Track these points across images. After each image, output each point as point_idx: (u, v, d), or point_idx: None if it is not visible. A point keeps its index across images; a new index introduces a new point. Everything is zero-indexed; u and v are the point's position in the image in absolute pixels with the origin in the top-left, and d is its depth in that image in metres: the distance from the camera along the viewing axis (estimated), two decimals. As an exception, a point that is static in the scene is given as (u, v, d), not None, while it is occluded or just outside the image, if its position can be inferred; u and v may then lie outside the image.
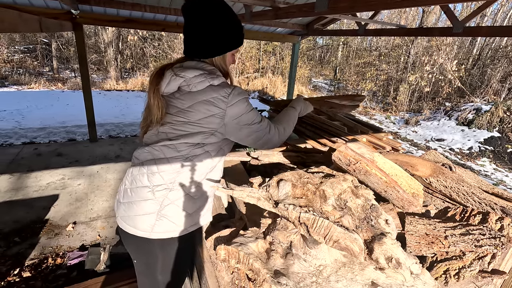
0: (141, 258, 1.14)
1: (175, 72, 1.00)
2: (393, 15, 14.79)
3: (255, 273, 0.77)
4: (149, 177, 1.04)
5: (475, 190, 1.53)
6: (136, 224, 1.04)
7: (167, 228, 1.04)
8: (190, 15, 1.01)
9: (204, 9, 0.98)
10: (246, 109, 1.03)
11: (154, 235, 1.04)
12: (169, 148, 1.02)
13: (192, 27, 1.01)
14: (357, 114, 9.48)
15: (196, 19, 0.99)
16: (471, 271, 0.91)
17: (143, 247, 1.09)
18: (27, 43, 12.20)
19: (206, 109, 0.98)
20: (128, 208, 1.06)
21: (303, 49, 14.66)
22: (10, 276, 2.09)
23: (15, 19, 1.86)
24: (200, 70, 1.00)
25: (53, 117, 6.26)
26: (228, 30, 1.03)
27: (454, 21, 3.25)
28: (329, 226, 0.71)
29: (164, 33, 11.92)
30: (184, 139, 1.02)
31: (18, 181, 3.40)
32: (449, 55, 10.28)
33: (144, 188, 1.04)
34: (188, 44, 1.06)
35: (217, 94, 0.98)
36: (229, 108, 0.99)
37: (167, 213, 1.04)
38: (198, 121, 1.00)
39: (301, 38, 6.39)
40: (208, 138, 1.02)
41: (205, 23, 0.99)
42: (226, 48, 1.05)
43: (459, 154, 6.81)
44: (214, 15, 0.99)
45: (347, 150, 1.06)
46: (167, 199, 1.03)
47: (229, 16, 1.02)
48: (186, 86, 1.00)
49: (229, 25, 1.02)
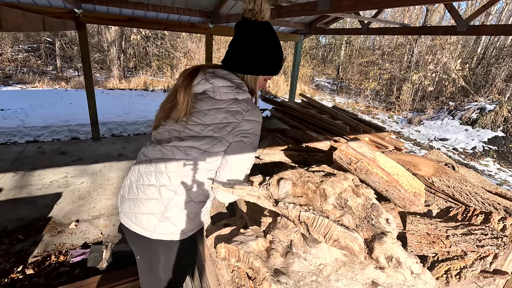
0: (144, 255, 1.15)
1: (206, 76, 1.03)
2: (397, 13, 14.70)
3: (255, 271, 0.77)
4: (157, 176, 1.04)
5: (478, 190, 1.52)
6: (139, 222, 1.05)
7: (169, 230, 1.06)
8: (242, 32, 1.04)
9: (257, 32, 1.03)
10: (256, 131, 1.05)
11: (155, 236, 1.05)
12: (178, 150, 1.03)
13: (240, 43, 1.04)
14: (359, 114, 9.44)
15: (246, 37, 1.03)
16: (472, 271, 0.90)
17: (145, 245, 1.10)
18: (31, 42, 12.28)
19: (224, 117, 1.01)
20: (133, 205, 1.07)
21: (306, 48, 14.63)
22: (14, 273, 2.11)
23: (19, 18, 1.87)
24: (229, 82, 1.04)
25: (57, 115, 6.30)
26: (271, 56, 1.07)
27: (458, 20, 3.23)
28: (329, 225, 0.71)
29: (166, 32, 11.93)
30: (193, 141, 1.02)
31: (22, 179, 3.42)
32: (453, 54, 10.20)
33: (151, 186, 1.05)
34: (230, 56, 1.08)
35: (237, 107, 1.01)
36: (243, 121, 1.02)
37: (170, 215, 1.05)
38: (211, 125, 1.01)
39: (303, 37, 6.37)
40: (214, 145, 1.02)
41: (253, 43, 1.03)
42: (262, 71, 1.09)
43: (462, 153, 6.76)
44: (264, 40, 1.04)
45: (348, 149, 1.06)
46: (172, 201, 1.04)
47: (276, 45, 1.07)
48: (212, 92, 1.03)
49: (273, 52, 1.07)
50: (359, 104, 11.26)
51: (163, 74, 11.91)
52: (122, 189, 1.18)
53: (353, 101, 11.70)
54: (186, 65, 11.66)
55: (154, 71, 12.06)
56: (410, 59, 11.20)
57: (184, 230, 1.08)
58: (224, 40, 12.19)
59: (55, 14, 3.85)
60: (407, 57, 11.74)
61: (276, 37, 1.07)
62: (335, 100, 11.75)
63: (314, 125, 3.65)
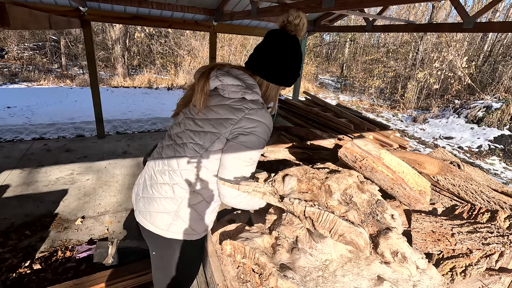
0: (159, 251, 1.17)
1: (217, 74, 1.03)
2: (402, 10, 14.56)
3: (261, 267, 0.77)
4: (170, 174, 1.06)
5: (484, 189, 1.52)
6: (154, 221, 1.07)
7: (182, 229, 1.07)
8: (280, 42, 1.04)
9: (295, 46, 1.06)
10: (258, 132, 0.98)
11: (169, 234, 1.07)
12: (188, 148, 1.04)
13: (277, 52, 1.05)
14: (364, 112, 9.40)
15: (284, 48, 1.04)
16: (478, 269, 0.90)
17: (159, 242, 1.12)
18: (37, 41, 12.37)
19: (224, 112, 1.00)
20: (147, 203, 1.09)
21: (310, 45, 14.55)
22: (22, 268, 2.14)
23: (26, 16, 1.89)
24: (239, 81, 1.02)
25: (62, 113, 6.36)
26: (289, 68, 1.08)
27: (465, 17, 3.19)
28: (334, 220, 0.71)
29: (170, 30, 11.96)
30: (198, 138, 1.02)
31: (29, 176, 3.47)
32: (459, 51, 10.09)
33: (165, 185, 1.06)
34: (260, 61, 1.07)
35: (240, 105, 0.99)
36: (244, 118, 0.97)
37: (183, 214, 1.06)
38: (212, 120, 1.02)
39: (307, 34, 6.34)
40: (213, 143, 1.00)
41: (290, 55, 1.06)
42: (290, 83, 1.11)
43: (468, 152, 6.70)
44: (298, 54, 1.08)
45: (353, 146, 1.06)
46: (185, 200, 1.05)
47: (299, 59, 1.09)
48: (221, 90, 1.03)
49: (292, 66, 1.08)
50: (364, 102, 11.20)
51: (167, 72, 11.95)
52: (136, 187, 1.19)
53: (357, 99, 11.64)
54: (190, 63, 11.69)
55: (158, 69, 12.10)
56: (416, 56, 11.10)
57: (197, 230, 1.09)
58: (228, 37, 12.18)
59: (60, 12, 3.87)
60: (412, 54, 11.63)
61: (301, 53, 1.11)
62: (339, 98, 11.69)
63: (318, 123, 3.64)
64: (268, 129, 1.01)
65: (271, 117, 1.06)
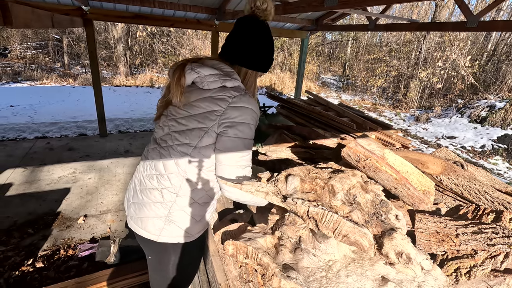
0: (154, 256, 1.16)
1: (192, 66, 1.00)
2: (405, 9, 14.48)
3: (264, 267, 0.77)
4: (158, 179, 1.04)
5: (487, 189, 1.50)
6: (146, 226, 1.06)
7: (175, 233, 1.06)
8: (251, 28, 1.04)
9: (266, 30, 1.06)
10: (246, 119, 0.96)
11: (162, 239, 1.06)
12: (173, 150, 1.02)
13: (250, 38, 1.04)
14: (366, 111, 9.36)
15: (256, 33, 1.04)
16: (483, 270, 0.89)
17: (153, 248, 1.11)
18: (39, 40, 12.41)
19: (207, 105, 0.97)
20: (138, 209, 1.08)
21: (312, 44, 14.51)
22: (24, 266, 2.15)
23: (29, 15, 1.89)
24: (217, 70, 1.00)
25: (65, 112, 6.38)
26: (266, 54, 1.08)
27: (469, 15, 3.16)
28: (338, 220, 0.70)
29: (172, 29, 11.95)
30: (182, 137, 1.00)
31: (31, 174, 3.48)
32: (463, 50, 10.02)
33: (153, 190, 1.05)
34: (234, 50, 1.06)
35: (222, 94, 0.96)
36: (229, 108, 0.95)
37: (175, 218, 1.05)
38: (196, 116, 0.98)
39: (310, 33, 6.32)
40: (202, 139, 0.98)
41: (263, 40, 1.06)
42: (266, 68, 1.10)
43: (471, 152, 6.66)
44: (270, 38, 1.08)
45: (357, 146, 1.05)
46: (175, 204, 1.03)
47: (272, 44, 1.10)
48: (200, 82, 1.00)
49: (269, 51, 1.08)
50: (366, 101, 11.16)
51: (169, 71, 11.94)
52: (127, 192, 1.18)
53: (360, 98, 11.60)
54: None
55: (160, 68, 12.10)
56: (418, 56, 11.04)
57: (191, 232, 1.08)
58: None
59: (63, 11, 3.88)
60: (415, 53, 11.57)
61: (272, 39, 1.11)
62: (341, 98, 11.66)
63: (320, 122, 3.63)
64: (255, 114, 0.99)
65: (274, 115, 1.07)
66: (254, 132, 1.01)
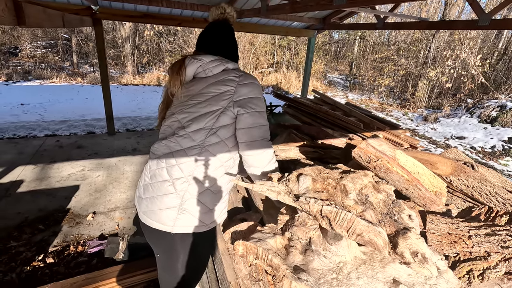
0: (164, 252, 1.16)
1: (193, 56, 1.09)
2: (414, 8, 14.28)
3: (274, 268, 0.77)
4: (168, 171, 1.05)
5: (499, 190, 1.48)
6: (160, 218, 1.07)
7: (189, 222, 1.06)
8: (229, 30, 1.22)
9: (231, 30, 1.24)
10: (257, 93, 1.07)
11: (176, 229, 1.07)
12: (184, 138, 1.04)
13: (229, 38, 1.22)
14: (373, 110, 9.27)
15: (225, 32, 1.21)
16: (496, 272, 0.88)
17: (165, 241, 1.11)
18: (49, 39, 12.60)
19: (217, 88, 1.03)
20: (150, 203, 1.09)
21: (319, 43, 14.42)
22: (35, 261, 2.19)
23: (41, 15, 1.92)
24: (214, 57, 1.10)
25: (73, 110, 6.47)
26: (237, 49, 1.26)
27: (480, 13, 3.10)
28: (352, 219, 0.70)
29: (179, 28, 12.00)
30: (196, 123, 1.03)
31: (42, 171, 3.54)
32: (473, 49, 9.84)
33: (165, 182, 1.06)
34: (210, 43, 1.18)
35: (228, 75, 1.05)
36: (239, 86, 1.04)
37: (188, 207, 1.05)
38: (207, 100, 1.03)
39: (317, 32, 6.28)
40: (218, 118, 1.02)
41: (230, 37, 1.23)
42: (235, 58, 1.24)
43: (480, 152, 6.55)
44: (233, 36, 1.25)
45: (367, 147, 1.04)
46: (187, 193, 1.05)
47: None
48: (202, 72, 1.07)
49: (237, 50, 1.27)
50: (373, 101, 11.06)
51: (175, 70, 12.00)
52: (138, 190, 1.20)
53: (367, 97, 11.50)
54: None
55: (167, 67, 12.14)
56: (427, 54, 10.88)
57: (204, 221, 1.08)
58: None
59: (72, 11, 3.93)
60: (423, 52, 11.40)
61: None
62: (348, 97, 11.57)
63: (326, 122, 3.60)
64: (260, 87, 1.12)
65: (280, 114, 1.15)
66: (263, 98, 1.12)
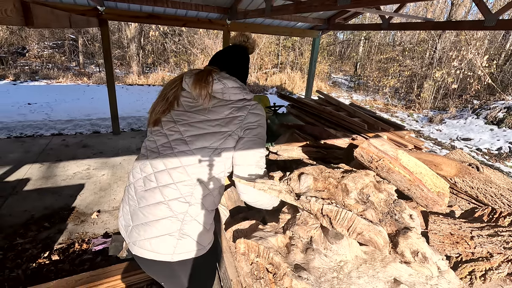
0: (167, 281, 1.07)
1: (218, 77, 1.09)
2: (419, 8, 14.18)
3: (275, 267, 0.78)
4: (161, 191, 0.96)
5: (504, 192, 1.46)
6: (157, 247, 0.95)
7: (190, 247, 0.97)
8: (241, 53, 1.28)
9: (247, 57, 1.31)
10: (262, 124, 1.11)
11: (176, 257, 0.96)
12: (186, 155, 0.97)
13: (245, 62, 1.28)
14: (378, 111, 9.22)
15: (243, 57, 1.28)
16: (499, 273, 0.87)
17: (165, 270, 1.01)
18: (56, 39, 12.76)
19: (229, 112, 1.05)
20: (142, 230, 0.96)
21: (323, 44, 14.38)
22: (41, 258, 2.23)
23: (48, 16, 1.95)
24: (237, 83, 1.12)
25: (79, 110, 6.54)
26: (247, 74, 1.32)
27: (487, 14, 3.08)
28: (353, 218, 0.70)
29: (184, 29, 12.07)
30: (201, 141, 0.99)
31: (48, 170, 3.59)
32: (479, 50, 9.73)
33: (158, 204, 0.95)
34: (236, 68, 1.24)
35: (243, 103, 1.08)
36: (249, 113, 1.07)
37: (189, 231, 0.96)
38: (217, 120, 1.03)
39: (321, 33, 6.27)
40: (225, 140, 1.01)
41: (246, 62, 1.29)
42: (245, 81, 1.29)
43: (486, 154, 6.48)
44: (248, 63, 1.31)
45: (369, 146, 1.04)
46: (188, 215, 0.96)
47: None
48: (220, 93, 1.07)
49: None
50: (377, 101, 10.99)
51: (180, 70, 12.09)
52: (123, 218, 1.06)
53: (371, 98, 11.44)
54: (203, 61, 11.78)
55: (171, 67, 12.25)
56: (433, 55, 10.79)
57: (203, 244, 1.01)
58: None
59: (79, 12, 3.98)
60: (429, 53, 11.31)
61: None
62: (352, 98, 11.52)
63: (330, 122, 3.60)
64: (266, 120, 1.16)
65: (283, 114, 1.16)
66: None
